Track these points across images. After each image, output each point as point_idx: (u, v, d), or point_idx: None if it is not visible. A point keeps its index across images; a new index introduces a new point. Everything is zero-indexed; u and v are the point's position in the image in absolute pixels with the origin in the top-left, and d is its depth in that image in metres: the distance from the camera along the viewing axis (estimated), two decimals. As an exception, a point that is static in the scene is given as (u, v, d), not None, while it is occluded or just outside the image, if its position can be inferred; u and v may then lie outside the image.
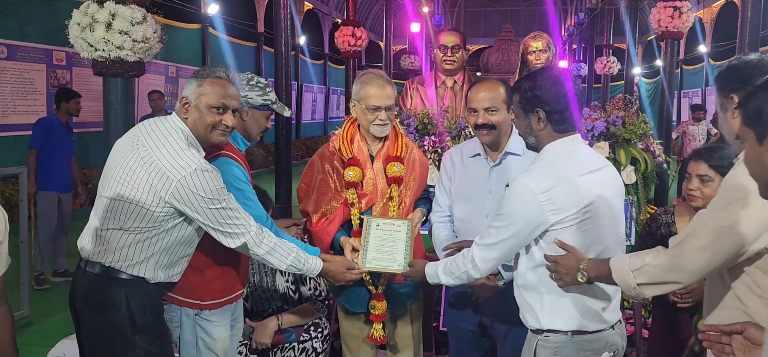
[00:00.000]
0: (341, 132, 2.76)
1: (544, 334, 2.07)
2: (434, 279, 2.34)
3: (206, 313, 2.44)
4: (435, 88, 4.53)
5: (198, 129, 2.24)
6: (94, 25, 3.32)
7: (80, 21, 3.37)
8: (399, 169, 2.64)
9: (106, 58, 3.37)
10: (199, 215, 2.16)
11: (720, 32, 16.44)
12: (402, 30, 18.25)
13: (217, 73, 2.29)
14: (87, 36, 3.37)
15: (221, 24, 14.18)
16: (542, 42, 4.62)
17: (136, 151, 2.16)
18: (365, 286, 2.68)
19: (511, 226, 2.03)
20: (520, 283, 2.15)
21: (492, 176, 2.57)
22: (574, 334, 2.04)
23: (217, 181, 2.17)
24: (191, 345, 2.43)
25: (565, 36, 20.73)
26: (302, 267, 2.38)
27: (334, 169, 2.67)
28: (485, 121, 2.50)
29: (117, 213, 2.14)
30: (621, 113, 4.37)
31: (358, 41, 9.67)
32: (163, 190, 2.11)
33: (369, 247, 2.52)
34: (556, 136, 2.05)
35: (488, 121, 2.49)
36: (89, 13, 3.34)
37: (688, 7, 7.51)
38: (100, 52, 3.36)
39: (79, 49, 3.44)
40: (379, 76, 2.69)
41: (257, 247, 2.27)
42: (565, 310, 2.03)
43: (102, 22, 3.32)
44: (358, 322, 2.77)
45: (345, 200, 2.65)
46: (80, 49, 3.43)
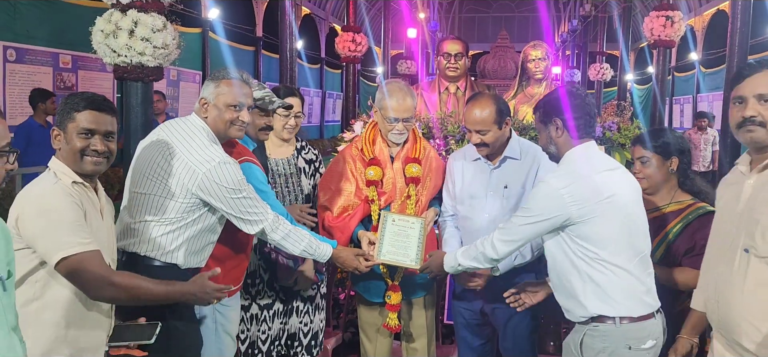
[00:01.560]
0: (364, 134, 2.98)
1: (592, 323, 2.24)
2: (452, 263, 2.56)
3: (224, 300, 2.63)
4: (438, 94, 4.73)
5: (217, 126, 2.45)
6: (118, 32, 3.46)
7: (104, 28, 3.52)
8: (417, 170, 2.86)
9: (127, 63, 3.52)
10: (222, 204, 2.36)
11: (711, 40, 16.68)
12: (398, 35, 18.44)
13: (231, 74, 2.50)
14: (110, 42, 3.51)
15: (221, 28, 14.33)
16: (541, 51, 4.85)
17: (162, 149, 2.36)
18: (383, 278, 2.89)
19: (533, 217, 2.28)
20: (562, 281, 2.34)
21: (492, 178, 2.81)
22: (622, 320, 2.21)
23: (238, 172, 2.38)
24: (210, 329, 2.62)
25: (558, 42, 20.92)
26: (314, 252, 2.59)
27: (357, 168, 2.88)
28: (478, 141, 2.73)
29: (148, 206, 2.34)
30: (616, 119, 4.61)
31: (358, 47, 9.88)
32: (189, 183, 2.31)
33: (384, 240, 2.73)
34: (573, 143, 2.29)
35: (480, 140, 2.73)
36: (113, 20, 3.50)
37: (680, 16, 7.72)
38: (122, 58, 3.51)
39: (102, 54, 3.58)
40: (401, 89, 2.86)
41: (274, 233, 2.47)
42: (611, 297, 2.20)
43: (125, 29, 3.47)
44: (375, 311, 2.99)
45: (365, 197, 2.86)
46: (103, 55, 3.57)
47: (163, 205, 2.33)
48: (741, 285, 1.94)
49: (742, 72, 2.02)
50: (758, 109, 1.95)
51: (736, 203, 2.03)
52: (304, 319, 3.03)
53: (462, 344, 2.97)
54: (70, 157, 2.10)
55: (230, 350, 2.69)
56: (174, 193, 2.33)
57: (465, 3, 25.12)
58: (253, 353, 2.93)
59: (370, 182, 2.85)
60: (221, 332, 2.64)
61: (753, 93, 1.97)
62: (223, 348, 2.64)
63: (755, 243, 1.91)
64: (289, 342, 3.00)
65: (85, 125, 2.09)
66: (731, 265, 1.98)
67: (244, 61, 15.42)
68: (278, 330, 3.01)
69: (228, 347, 2.67)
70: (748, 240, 1.93)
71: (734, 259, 1.97)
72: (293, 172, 3.04)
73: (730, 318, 1.98)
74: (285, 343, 3.00)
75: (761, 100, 1.95)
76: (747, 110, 1.96)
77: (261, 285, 2.93)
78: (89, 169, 2.11)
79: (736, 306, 1.95)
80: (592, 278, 2.24)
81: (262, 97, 2.65)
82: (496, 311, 2.81)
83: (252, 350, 2.91)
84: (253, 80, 2.63)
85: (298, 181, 3.06)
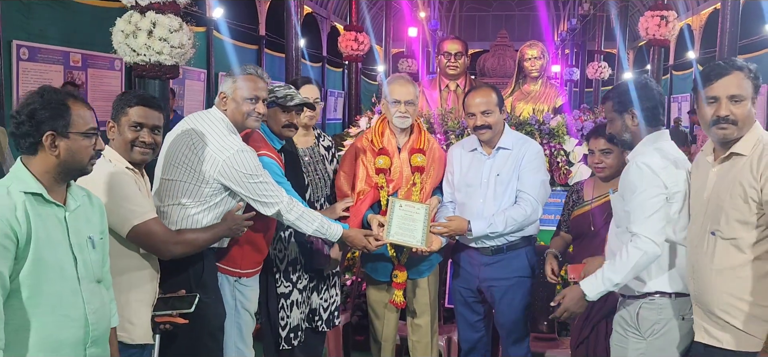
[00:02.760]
0: (374, 126, 3.27)
1: (648, 298, 2.42)
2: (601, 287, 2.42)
3: (244, 280, 2.90)
4: (439, 91, 4.97)
5: (236, 117, 2.70)
6: (137, 33, 3.65)
7: (124, 28, 3.71)
8: (421, 160, 3.13)
9: (146, 61, 3.71)
10: (241, 188, 2.61)
11: (708, 39, 16.86)
12: (399, 34, 18.65)
13: (248, 70, 2.76)
14: (130, 42, 3.70)
15: (225, 27, 14.55)
16: (537, 50, 5.10)
17: (187, 140, 2.62)
18: (390, 259, 3.15)
19: (647, 196, 2.34)
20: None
21: (486, 167, 3.09)
22: (677, 296, 2.40)
23: (255, 160, 2.64)
24: (230, 306, 2.86)
25: (557, 41, 21.14)
26: (325, 232, 2.82)
27: (367, 158, 3.15)
28: (482, 123, 3.00)
29: (176, 191, 2.59)
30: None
31: (361, 46, 10.12)
32: (212, 169, 2.57)
33: (392, 223, 2.99)
34: (648, 131, 2.47)
35: (485, 122, 3.00)
36: (133, 21, 3.68)
37: (674, 16, 7.91)
38: (141, 57, 3.71)
39: (122, 53, 3.77)
40: (402, 76, 3.22)
41: (288, 214, 2.72)
42: (670, 273, 2.40)
43: (144, 29, 3.66)
44: (383, 290, 3.26)
45: (375, 184, 3.12)
46: (123, 54, 3.76)
47: (189, 190, 2.58)
48: (710, 264, 2.19)
49: (713, 72, 2.21)
50: (731, 109, 2.15)
51: (703, 190, 2.28)
52: (324, 295, 3.27)
53: (460, 320, 3.25)
54: (122, 146, 2.38)
55: (248, 324, 2.93)
56: (198, 179, 2.58)
57: (465, 2, 25.29)
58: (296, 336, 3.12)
59: (379, 170, 3.12)
60: (240, 308, 2.89)
61: (726, 94, 2.16)
62: (241, 322, 2.90)
63: (720, 227, 2.16)
64: (311, 315, 3.24)
65: (135, 119, 2.38)
66: (702, 246, 2.23)
67: (247, 59, 15.61)
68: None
69: (246, 322, 2.92)
70: (714, 224, 2.18)
71: (704, 241, 2.22)
72: (318, 159, 3.26)
73: (704, 291, 2.22)
74: (307, 317, 3.24)
75: (733, 101, 2.16)
76: (721, 110, 2.17)
77: (301, 270, 3.13)
78: (138, 159, 2.40)
79: (708, 281, 2.20)
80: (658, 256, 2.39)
81: (284, 95, 2.89)
82: (492, 288, 3.09)
83: (294, 334, 3.11)
84: (268, 77, 2.87)
85: (324, 167, 3.28)
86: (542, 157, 3.14)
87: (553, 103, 5.03)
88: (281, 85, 2.94)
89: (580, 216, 3.04)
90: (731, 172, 2.18)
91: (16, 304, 1.76)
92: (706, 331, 2.23)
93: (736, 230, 2.14)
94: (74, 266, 1.89)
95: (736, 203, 2.13)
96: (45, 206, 1.85)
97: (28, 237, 1.77)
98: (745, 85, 2.17)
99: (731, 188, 2.15)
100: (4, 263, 1.71)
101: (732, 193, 2.14)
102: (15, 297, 1.76)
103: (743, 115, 2.16)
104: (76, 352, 1.88)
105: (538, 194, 3.03)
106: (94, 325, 1.92)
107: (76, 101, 1.92)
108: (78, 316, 1.88)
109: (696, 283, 2.27)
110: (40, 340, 1.80)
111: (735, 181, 2.15)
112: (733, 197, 2.14)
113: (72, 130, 1.88)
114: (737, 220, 2.13)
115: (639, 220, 2.35)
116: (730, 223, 2.15)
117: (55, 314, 1.83)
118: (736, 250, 2.14)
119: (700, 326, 2.26)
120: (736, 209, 2.13)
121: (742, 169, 2.14)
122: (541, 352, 3.42)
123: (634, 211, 2.37)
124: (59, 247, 1.85)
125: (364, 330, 4.14)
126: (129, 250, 2.34)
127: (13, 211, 1.75)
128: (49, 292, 1.81)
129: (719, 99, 2.18)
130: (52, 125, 1.86)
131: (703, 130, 2.32)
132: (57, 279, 1.83)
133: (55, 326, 1.83)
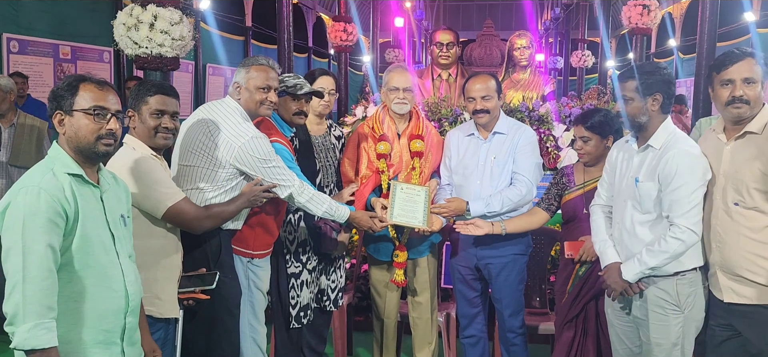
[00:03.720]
0: (374, 114, 3.43)
1: (681, 274, 2.55)
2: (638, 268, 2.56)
3: (256, 261, 3.04)
4: (432, 80, 5.14)
5: (249, 106, 2.84)
6: (139, 26, 3.74)
7: (126, 21, 3.79)
8: (420, 145, 3.29)
9: (148, 54, 3.80)
10: (256, 173, 2.76)
11: (688, 27, 17.10)
12: (385, 24, 18.74)
13: (259, 61, 2.91)
14: (132, 35, 3.78)
15: (212, 18, 14.55)
16: (526, 40, 5.29)
17: (204, 127, 2.76)
18: (391, 240, 3.31)
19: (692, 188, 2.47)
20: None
21: (483, 150, 3.27)
22: (700, 269, 2.60)
23: (268, 145, 2.79)
24: (244, 286, 3.01)
25: (541, 30, 21.32)
26: (334, 213, 2.98)
27: (369, 144, 3.31)
28: (482, 107, 3.18)
29: (192, 177, 2.73)
30: (594, 102, 5.05)
31: (350, 37, 10.22)
32: (228, 155, 2.71)
33: (395, 205, 3.15)
34: (663, 117, 2.61)
35: (484, 106, 3.18)
36: (134, 14, 3.77)
37: (656, 5, 8.10)
38: (143, 49, 3.79)
39: (123, 46, 3.84)
40: (400, 65, 3.41)
41: (299, 196, 2.87)
42: (697, 250, 2.57)
43: (146, 22, 3.74)
44: (384, 269, 3.43)
45: (376, 169, 3.28)
46: (125, 47, 3.84)
47: (206, 175, 2.72)
48: (736, 231, 2.45)
49: (728, 59, 2.46)
50: (744, 90, 2.41)
51: (718, 166, 2.51)
52: (332, 277, 3.44)
53: (459, 296, 3.43)
54: (144, 134, 2.51)
55: (261, 302, 3.08)
56: (215, 165, 2.72)
57: (450, -9, 25.44)
58: (306, 314, 3.29)
59: (380, 155, 3.28)
60: (253, 287, 3.04)
61: (740, 77, 2.42)
62: (254, 301, 3.05)
63: (743, 198, 2.42)
64: (320, 296, 3.42)
65: (156, 107, 2.51)
66: (726, 216, 2.47)
67: (234, 51, 15.61)
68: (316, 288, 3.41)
69: (258, 300, 3.07)
70: (737, 195, 2.44)
71: (728, 212, 2.47)
72: (329, 147, 3.42)
73: (730, 257, 2.47)
74: (316, 297, 3.41)
75: (746, 83, 2.43)
76: (736, 91, 2.43)
77: (310, 251, 3.29)
78: (161, 144, 2.53)
79: (734, 247, 2.46)
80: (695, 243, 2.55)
81: (293, 84, 3.03)
82: (489, 266, 3.27)
83: (304, 313, 3.28)
84: (278, 67, 3.01)
85: (335, 155, 3.44)
86: (536, 142, 3.32)
87: (541, 90, 5.23)
88: (290, 75, 3.09)
89: (571, 200, 3.18)
90: (748, 149, 2.44)
91: (67, 276, 1.91)
92: (733, 290, 2.48)
93: (757, 199, 2.40)
94: (112, 242, 2.04)
95: (757, 176, 2.40)
96: (85, 186, 1.99)
97: (76, 214, 1.91)
98: (756, 70, 2.43)
99: (752, 164, 2.41)
100: (56, 238, 1.85)
101: (755, 169, 2.40)
102: (67, 269, 1.91)
103: (755, 97, 2.43)
104: (118, 320, 2.03)
105: (532, 175, 3.21)
106: (132, 296, 2.07)
107: (88, 83, 2.00)
108: (119, 288, 2.03)
109: (721, 251, 2.50)
110: (90, 309, 1.95)
111: (753, 156, 2.41)
112: (756, 172, 2.40)
113: (75, 108, 1.97)
114: (757, 190, 2.40)
115: (682, 210, 2.47)
116: (751, 193, 2.41)
117: (101, 286, 1.98)
118: (759, 215, 2.41)
119: (727, 288, 2.50)
120: (756, 181, 2.40)
121: (762, 146, 2.41)
122: (535, 325, 3.60)
123: (679, 201, 2.48)
124: (100, 224, 2.00)
125: (364, 311, 4.32)
126: (157, 230, 2.49)
127: (62, 191, 1.90)
128: (94, 265, 1.96)
129: (734, 81, 2.44)
130: (60, 104, 1.98)
131: (718, 110, 2.57)
132: (101, 253, 1.98)
133: (101, 297, 1.98)
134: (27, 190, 1.86)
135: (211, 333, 2.76)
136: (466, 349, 3.48)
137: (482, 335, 3.43)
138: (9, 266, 1.82)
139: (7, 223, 1.85)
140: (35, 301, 1.79)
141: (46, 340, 1.79)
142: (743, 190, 2.43)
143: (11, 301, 1.79)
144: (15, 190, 1.89)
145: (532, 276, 3.74)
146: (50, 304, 1.82)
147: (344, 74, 10.48)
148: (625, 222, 2.65)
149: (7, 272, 1.82)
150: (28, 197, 1.84)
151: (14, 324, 1.79)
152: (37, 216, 1.82)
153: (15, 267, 1.80)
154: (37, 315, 1.78)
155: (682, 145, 2.52)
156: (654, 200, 2.54)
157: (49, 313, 1.81)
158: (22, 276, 1.79)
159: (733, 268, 2.47)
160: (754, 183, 2.41)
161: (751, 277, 2.43)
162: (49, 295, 1.82)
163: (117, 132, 2.03)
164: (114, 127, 2.01)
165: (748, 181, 2.42)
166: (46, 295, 1.81)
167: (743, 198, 2.43)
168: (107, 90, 2.03)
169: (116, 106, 2.03)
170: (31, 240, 1.81)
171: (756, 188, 2.41)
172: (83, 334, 1.94)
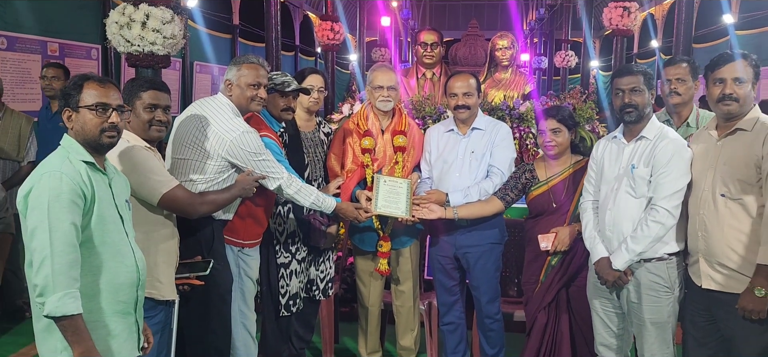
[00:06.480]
0: (359, 111, 3.60)
1: (667, 258, 2.79)
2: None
3: (246, 250, 3.19)
4: (416, 79, 5.29)
5: (240, 102, 2.99)
6: (131, 24, 3.85)
7: (118, 20, 3.90)
8: (403, 141, 3.47)
9: (140, 51, 3.92)
10: (246, 165, 2.90)
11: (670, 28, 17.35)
12: (371, 24, 18.87)
13: (250, 59, 3.05)
14: (125, 33, 3.89)
15: (199, 16, 14.60)
16: (507, 40, 5.46)
17: (196, 122, 2.90)
18: (375, 230, 3.47)
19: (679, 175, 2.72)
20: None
21: (462, 145, 3.46)
22: (679, 254, 2.82)
23: (258, 139, 2.93)
24: (235, 274, 3.15)
25: (526, 30, 21.55)
26: (321, 204, 3.14)
27: (353, 139, 3.46)
28: (463, 103, 3.37)
29: (187, 169, 2.87)
30: (573, 101, 5.23)
31: (337, 36, 10.35)
32: (220, 148, 2.85)
33: (379, 197, 3.31)
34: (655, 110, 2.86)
35: (465, 102, 3.37)
36: (126, 13, 3.88)
37: (636, 7, 8.30)
38: (135, 47, 3.91)
39: (116, 44, 3.96)
40: (384, 65, 3.58)
41: (288, 188, 3.02)
42: (680, 235, 2.79)
43: (138, 21, 3.86)
44: (369, 259, 3.59)
45: (361, 163, 3.44)
46: (117, 44, 3.96)
47: (199, 167, 2.86)
48: (720, 221, 2.62)
49: (721, 59, 2.66)
50: (734, 89, 2.60)
51: (707, 159, 2.70)
52: (321, 268, 3.60)
53: (438, 285, 3.61)
54: (139, 127, 2.64)
55: (251, 290, 3.23)
56: (207, 158, 2.86)
57: (436, -9, 25.59)
58: (295, 303, 3.44)
59: (365, 150, 3.45)
60: (243, 275, 3.19)
61: (731, 76, 2.62)
62: (244, 288, 3.20)
63: (729, 189, 2.60)
64: (309, 285, 3.58)
65: (150, 101, 2.65)
66: (712, 207, 2.65)
67: (221, 49, 15.66)
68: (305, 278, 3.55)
69: (248, 288, 3.22)
70: (724, 187, 2.62)
71: (715, 203, 2.64)
72: (318, 143, 3.56)
73: (713, 245, 2.64)
74: (306, 287, 3.57)
75: (737, 82, 2.62)
76: (727, 89, 2.63)
77: (299, 242, 3.43)
78: (155, 136, 2.66)
79: (718, 236, 2.63)
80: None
81: (281, 81, 3.18)
82: (467, 254, 3.45)
83: (293, 301, 3.43)
84: (267, 65, 3.16)
85: (323, 150, 3.58)
86: (511, 137, 3.51)
87: (522, 89, 5.40)
88: (278, 73, 3.23)
89: (539, 195, 3.31)
90: (737, 144, 2.62)
91: (87, 251, 2.09)
92: (711, 278, 2.66)
93: (741, 191, 2.58)
94: (122, 223, 2.22)
95: (742, 169, 2.58)
96: (96, 173, 2.17)
97: (92, 197, 2.10)
98: (746, 70, 2.63)
99: (739, 158, 2.59)
100: (77, 217, 2.04)
101: (741, 163, 2.58)
102: (87, 246, 2.09)
103: (744, 95, 2.63)
104: (131, 292, 2.23)
105: (507, 168, 3.41)
106: (142, 271, 2.27)
107: (91, 81, 2.18)
108: (131, 263, 2.22)
109: (706, 240, 2.68)
110: (108, 281, 2.15)
111: (743, 152, 2.59)
112: (742, 166, 2.58)
113: (80, 105, 2.14)
114: (741, 181, 2.58)
115: (666, 194, 2.71)
116: (736, 185, 2.59)
117: (116, 260, 2.17)
118: (741, 207, 2.58)
119: (706, 275, 2.68)
120: (741, 174, 2.58)
121: (752, 143, 2.58)
122: (510, 313, 3.77)
123: (663, 185, 2.72)
124: (111, 207, 2.18)
125: (350, 302, 4.47)
126: (155, 218, 2.63)
127: (80, 175, 2.08)
128: (111, 241, 2.15)
129: (725, 80, 2.64)
130: (68, 102, 2.16)
131: (711, 107, 2.76)
132: (115, 231, 2.18)
133: (117, 270, 2.17)
134: (50, 174, 2.03)
135: (205, 317, 2.91)
136: (445, 336, 3.65)
137: (460, 322, 3.61)
138: (36, 244, 1.98)
139: (32, 204, 2.02)
140: (63, 273, 1.96)
141: (74, 308, 1.97)
142: (730, 182, 2.59)
143: (41, 274, 1.96)
144: (36, 175, 2.06)
145: (508, 267, 3.92)
146: (76, 276, 2.00)
147: (331, 72, 10.61)
148: (618, 205, 2.85)
149: (33, 250, 1.99)
150: (52, 181, 2.01)
151: (44, 295, 1.95)
152: (60, 197, 2.00)
153: (42, 244, 1.97)
154: (65, 285, 1.95)
155: (673, 135, 2.81)
156: (647, 184, 2.78)
157: (75, 284, 1.99)
158: (50, 251, 1.95)
159: (716, 256, 2.64)
160: (740, 175, 2.57)
161: (729, 264, 2.61)
162: (74, 267, 2.00)
163: (119, 125, 2.21)
164: (116, 121, 2.19)
165: (734, 174, 2.58)
166: (72, 268, 1.99)
167: (729, 190, 2.60)
168: (109, 87, 2.21)
169: (118, 101, 2.21)
170: (56, 219, 1.98)
171: (740, 180, 2.57)
172: (103, 304, 2.13)
